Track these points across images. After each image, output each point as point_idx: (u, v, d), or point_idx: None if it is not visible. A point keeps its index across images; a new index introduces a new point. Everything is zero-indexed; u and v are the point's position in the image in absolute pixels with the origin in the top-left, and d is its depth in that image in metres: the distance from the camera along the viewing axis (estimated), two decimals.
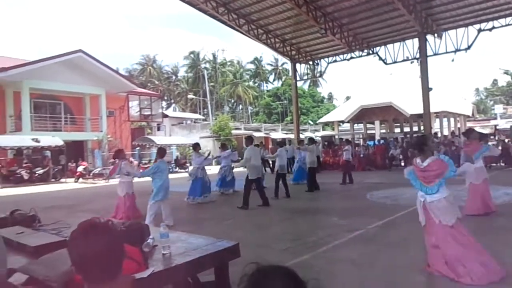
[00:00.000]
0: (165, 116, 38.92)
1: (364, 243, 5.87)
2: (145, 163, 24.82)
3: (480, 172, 7.18)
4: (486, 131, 26.94)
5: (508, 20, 17.98)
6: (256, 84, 65.88)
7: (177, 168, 27.24)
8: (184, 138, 33.54)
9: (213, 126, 37.27)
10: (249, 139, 10.45)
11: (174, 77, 66.44)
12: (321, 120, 37.81)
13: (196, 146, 11.49)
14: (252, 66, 66.76)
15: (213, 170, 15.62)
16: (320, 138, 30.76)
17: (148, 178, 8.07)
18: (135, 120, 30.88)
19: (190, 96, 52.77)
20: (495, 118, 39.78)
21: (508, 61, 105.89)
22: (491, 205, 7.30)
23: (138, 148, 28.68)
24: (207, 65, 62.69)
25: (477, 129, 29.23)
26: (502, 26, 18.19)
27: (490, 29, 18.35)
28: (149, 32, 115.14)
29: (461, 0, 17.26)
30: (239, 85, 58.97)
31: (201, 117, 50.58)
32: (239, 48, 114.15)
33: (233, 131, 36.19)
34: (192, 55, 63.23)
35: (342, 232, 6.47)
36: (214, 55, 62.74)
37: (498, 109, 45.37)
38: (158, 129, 40.49)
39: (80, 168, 21.96)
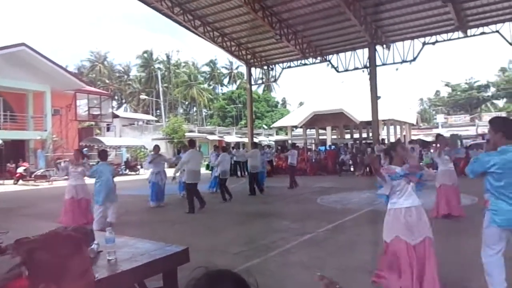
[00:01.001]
0: (116, 116, 37.57)
1: (314, 246, 5.96)
2: (93, 165, 23.80)
3: (445, 176, 7.58)
4: (428, 139, 28.49)
5: (449, 35, 19.20)
6: (211, 87, 65.48)
7: (127, 171, 26.38)
8: (136, 140, 32.58)
9: (166, 128, 36.51)
10: (191, 142, 10.48)
11: (126, 76, 64.42)
12: (275, 124, 38.25)
13: (154, 148, 11.25)
14: (207, 69, 66.34)
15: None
16: (273, 143, 31.09)
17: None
18: (83, 120, 29.53)
19: (143, 96, 51.37)
20: (437, 127, 42.28)
21: (449, 74, 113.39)
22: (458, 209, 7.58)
23: (85, 149, 27.42)
24: (161, 65, 61.37)
25: (421, 137, 30.91)
26: (444, 40, 19.40)
27: (433, 43, 19.49)
28: (100, 29, 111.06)
29: (407, 14, 18.20)
30: (193, 87, 58.30)
31: (153, 118, 49.40)
32: (194, 50, 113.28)
33: (187, 134, 35.66)
34: (145, 55, 61.67)
35: (293, 236, 6.54)
36: (168, 56, 61.64)
37: (440, 118, 48.38)
38: (108, 129, 38.99)
39: (20, 169, 20.59)
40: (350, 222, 7.65)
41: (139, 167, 27.03)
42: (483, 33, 18.51)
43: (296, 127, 31.10)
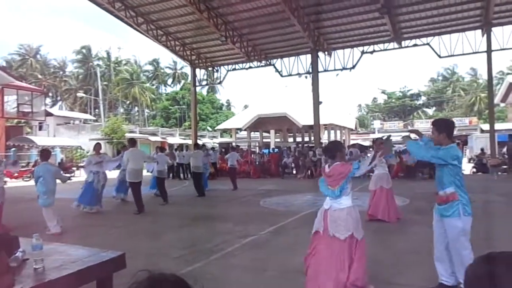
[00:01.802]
0: (49, 114, 35.32)
1: (256, 248, 5.98)
2: (23, 166, 22.15)
3: (382, 179, 7.83)
4: (366, 143, 29.90)
5: (386, 46, 20.34)
6: (154, 86, 63.76)
7: (62, 172, 24.86)
8: (71, 140, 30.82)
9: (105, 128, 34.93)
10: (131, 141, 10.24)
11: (61, 72, 60.81)
12: (220, 126, 38.12)
13: (96, 146, 10.44)
14: (150, 68, 64.55)
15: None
16: (218, 145, 30.94)
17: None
18: (11, 117, 27.45)
19: (80, 94, 48.69)
20: (374, 132, 44.61)
21: (386, 82, 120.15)
22: (392, 214, 7.71)
23: (14, 148, 25.46)
24: (100, 62, 58.70)
25: (359, 141, 32.32)
26: (381, 50, 20.52)
27: (371, 52, 20.54)
28: (33, 20, 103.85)
29: (348, 23, 19.04)
30: (135, 86, 56.38)
31: (91, 117, 47.08)
32: (137, 48, 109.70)
33: (127, 134, 34.37)
34: (83, 50, 58.66)
35: (235, 238, 6.51)
36: (108, 53, 59.10)
37: (377, 124, 51.14)
38: (40, 128, 36.52)
39: None
40: (291, 224, 7.78)
41: (74, 168, 25.58)
42: (415, 45, 19.83)
43: (240, 129, 31.19)
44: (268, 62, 22.84)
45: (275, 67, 22.64)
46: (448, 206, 3.67)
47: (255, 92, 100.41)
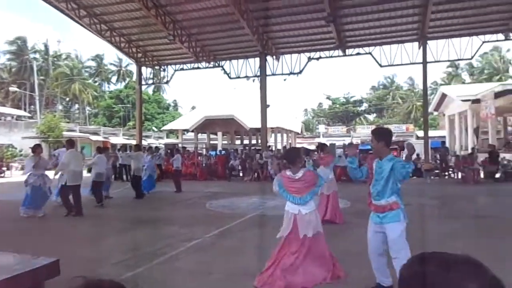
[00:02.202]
0: None
1: (201, 252, 5.89)
2: None
3: (331, 184, 7.97)
4: (311, 147, 30.72)
5: (331, 53, 21.05)
6: (97, 83, 60.97)
7: None
8: (1, 137, 28.60)
9: (40, 126, 32.80)
10: (70, 142, 9.82)
11: None
12: (166, 127, 37.30)
13: (36, 148, 9.38)
14: (93, 63, 61.64)
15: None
16: (163, 146, 30.21)
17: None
18: None
19: (13, 88, 45.20)
20: (319, 136, 45.98)
21: (331, 88, 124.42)
22: (338, 216, 7.98)
23: None
24: (37, 55, 55.06)
25: (305, 145, 33.11)
26: (327, 57, 21.22)
27: (317, 58, 21.16)
28: None
29: (295, 29, 19.45)
30: (76, 82, 53.50)
31: (26, 114, 44.03)
32: (78, 42, 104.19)
33: (66, 133, 32.53)
34: (18, 41, 54.66)
35: (180, 242, 6.36)
36: (46, 46, 55.56)
37: (321, 128, 52.78)
38: None
39: None
40: (237, 227, 7.76)
41: (4, 169, 23.79)
42: (358, 53, 20.74)
43: (187, 130, 30.74)
44: (216, 64, 22.72)
45: (223, 69, 22.58)
46: (390, 213, 3.79)
47: (203, 93, 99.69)
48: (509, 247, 5.97)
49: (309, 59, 21.12)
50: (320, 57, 21.14)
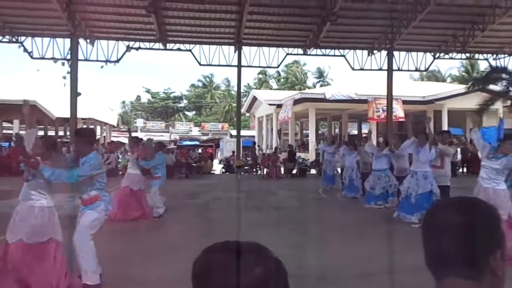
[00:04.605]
0: None
1: None
2: None
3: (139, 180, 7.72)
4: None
5: (152, 45, 20.47)
6: None
7: None
8: None
9: None
10: None
11: None
12: None
13: None
14: None
15: None
16: None
17: None
18: None
19: None
20: (137, 131, 44.29)
21: (152, 81, 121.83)
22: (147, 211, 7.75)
23: None
24: None
25: (121, 139, 31.44)
26: (147, 48, 20.56)
27: (137, 49, 20.21)
28: None
29: (114, 14, 17.96)
30: None
31: None
32: None
33: None
34: None
35: None
36: None
37: (140, 122, 51.10)
38: None
39: None
40: None
41: None
42: (179, 49, 20.73)
43: None
44: (14, 39, 19.23)
45: (23, 46, 19.24)
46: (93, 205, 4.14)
47: None
48: (301, 233, 6.83)
49: (128, 48, 20.01)
50: (140, 48, 20.30)
